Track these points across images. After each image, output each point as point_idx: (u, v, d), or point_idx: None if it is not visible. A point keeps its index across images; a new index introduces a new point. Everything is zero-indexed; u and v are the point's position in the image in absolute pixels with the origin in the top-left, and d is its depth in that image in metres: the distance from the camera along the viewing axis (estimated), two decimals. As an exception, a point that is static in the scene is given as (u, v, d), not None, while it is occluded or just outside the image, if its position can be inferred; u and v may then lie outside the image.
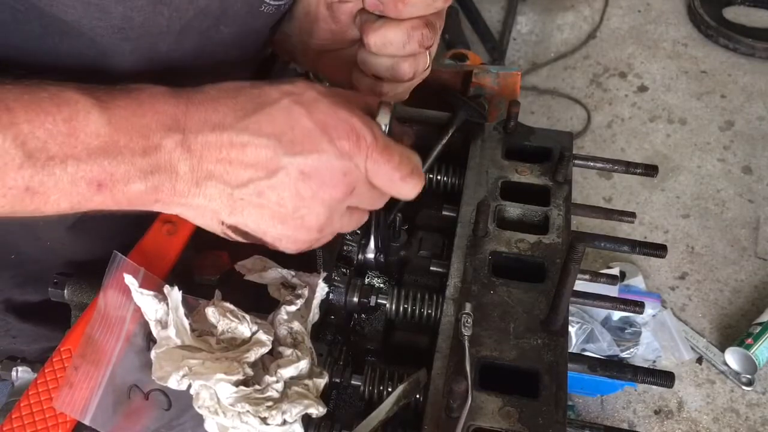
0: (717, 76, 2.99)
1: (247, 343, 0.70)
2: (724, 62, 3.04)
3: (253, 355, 0.68)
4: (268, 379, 0.67)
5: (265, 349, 0.69)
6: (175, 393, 0.71)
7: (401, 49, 0.72)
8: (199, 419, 0.68)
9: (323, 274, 0.77)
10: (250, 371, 0.67)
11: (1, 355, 0.84)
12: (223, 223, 0.64)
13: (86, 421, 0.68)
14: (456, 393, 0.68)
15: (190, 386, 0.67)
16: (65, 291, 0.81)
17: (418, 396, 0.75)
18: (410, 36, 0.71)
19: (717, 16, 3.14)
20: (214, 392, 0.65)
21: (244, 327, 0.71)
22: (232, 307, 0.72)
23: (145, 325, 0.73)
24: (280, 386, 0.67)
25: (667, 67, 3.04)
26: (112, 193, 0.58)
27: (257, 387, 0.66)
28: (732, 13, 3.18)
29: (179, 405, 0.71)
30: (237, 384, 0.65)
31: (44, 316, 0.92)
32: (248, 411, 0.64)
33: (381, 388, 0.77)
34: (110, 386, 0.70)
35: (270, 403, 0.65)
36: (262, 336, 0.70)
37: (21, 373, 0.81)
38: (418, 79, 0.79)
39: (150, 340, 0.74)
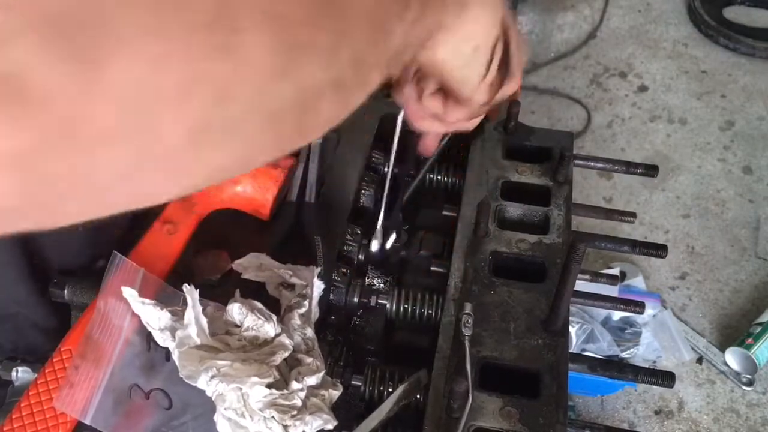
0: (717, 76, 2.99)
1: (269, 344, 0.70)
2: (724, 62, 3.04)
3: (279, 358, 0.68)
4: (294, 385, 0.66)
5: (287, 353, 0.69)
6: (176, 392, 0.71)
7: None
8: (200, 419, 0.68)
9: (318, 269, 0.77)
10: (277, 374, 0.67)
11: (1, 355, 0.84)
12: (502, 26, 0.59)
13: (87, 421, 0.68)
14: (456, 393, 0.68)
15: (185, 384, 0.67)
16: (65, 291, 0.81)
17: (418, 396, 0.75)
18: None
19: (717, 16, 3.13)
20: (241, 395, 0.65)
21: (270, 326, 0.70)
22: (259, 305, 0.72)
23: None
24: (303, 395, 0.67)
25: (667, 67, 3.04)
26: (421, 5, 0.46)
27: (284, 392, 0.66)
28: (732, 13, 3.18)
29: (180, 404, 0.71)
30: (269, 387, 0.65)
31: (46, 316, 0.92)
32: (274, 417, 0.64)
33: (381, 388, 0.77)
34: (110, 386, 0.70)
35: (294, 412, 0.65)
36: (285, 339, 0.70)
37: (21, 373, 0.81)
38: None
39: (150, 341, 0.74)
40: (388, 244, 0.89)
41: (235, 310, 0.71)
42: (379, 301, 0.84)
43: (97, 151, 0.29)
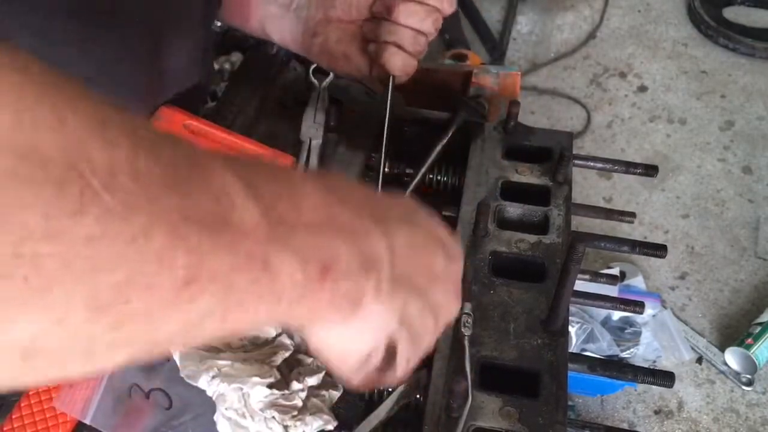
0: (717, 76, 2.99)
1: (270, 344, 0.70)
2: (724, 62, 3.04)
3: (279, 358, 0.68)
4: (295, 385, 0.66)
5: (287, 353, 0.69)
6: (176, 392, 0.71)
7: (419, 22, 0.87)
8: (200, 419, 0.68)
9: None
10: (278, 374, 0.67)
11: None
12: (387, 337, 0.53)
13: (87, 421, 0.68)
14: (456, 393, 0.68)
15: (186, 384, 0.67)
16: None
17: (418, 396, 0.75)
18: (428, 14, 0.87)
19: (717, 16, 3.13)
20: (242, 395, 0.65)
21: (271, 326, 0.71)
22: None
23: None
24: (304, 395, 0.67)
25: (667, 67, 3.04)
26: (333, 287, 0.43)
27: (285, 392, 0.66)
28: (732, 13, 3.18)
29: (180, 404, 0.71)
30: (270, 387, 0.65)
31: None
32: (274, 417, 0.64)
33: (381, 388, 0.77)
34: (110, 385, 0.70)
35: (295, 412, 0.65)
36: (286, 339, 0.70)
37: (21, 373, 0.81)
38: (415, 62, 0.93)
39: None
40: None
41: None
42: (379, 301, 0.83)
43: None
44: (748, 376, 2.07)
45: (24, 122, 0.29)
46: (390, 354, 0.55)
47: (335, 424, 0.68)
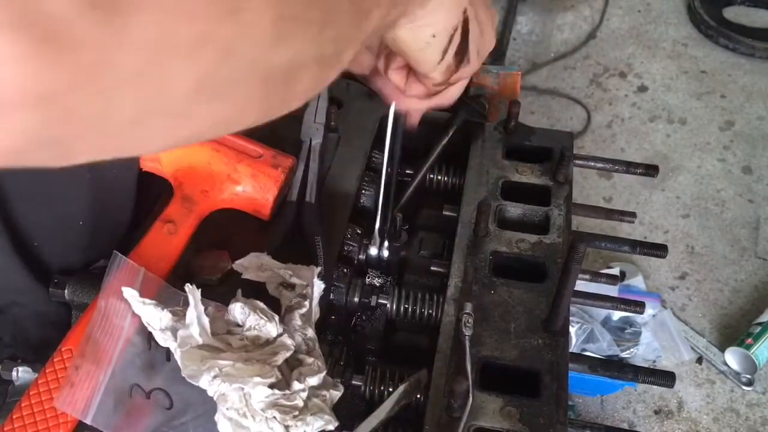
0: (717, 76, 2.99)
1: (271, 344, 0.70)
2: (724, 62, 3.04)
3: (281, 358, 0.68)
4: (296, 385, 0.66)
5: (289, 354, 0.69)
6: (177, 392, 0.71)
7: (420, 100, 0.88)
8: (201, 419, 0.68)
9: (318, 269, 0.77)
10: (279, 374, 0.67)
11: (1, 355, 0.84)
12: (462, 13, 0.66)
13: (87, 421, 0.68)
14: (457, 393, 0.68)
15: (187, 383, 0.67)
16: (66, 291, 0.81)
17: (418, 396, 0.75)
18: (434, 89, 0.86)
19: (717, 16, 3.13)
20: (243, 395, 0.65)
21: (272, 326, 0.70)
22: (262, 305, 0.72)
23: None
24: (305, 395, 0.67)
25: (667, 67, 3.04)
26: None
27: (286, 392, 0.66)
28: (732, 13, 3.18)
29: (181, 404, 0.71)
30: (271, 387, 0.65)
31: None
32: (275, 417, 0.64)
33: (382, 388, 0.77)
34: (111, 385, 0.70)
35: (296, 413, 0.65)
36: (287, 339, 0.70)
37: (21, 373, 0.81)
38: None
39: (150, 340, 0.74)
40: (385, 253, 0.89)
41: (238, 310, 0.71)
42: (380, 300, 0.84)
43: (116, 95, 0.31)
44: (748, 376, 2.07)
45: None
46: (463, 43, 0.67)
47: (336, 424, 0.68)
